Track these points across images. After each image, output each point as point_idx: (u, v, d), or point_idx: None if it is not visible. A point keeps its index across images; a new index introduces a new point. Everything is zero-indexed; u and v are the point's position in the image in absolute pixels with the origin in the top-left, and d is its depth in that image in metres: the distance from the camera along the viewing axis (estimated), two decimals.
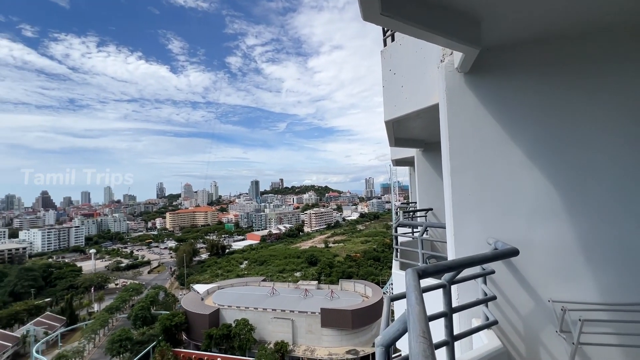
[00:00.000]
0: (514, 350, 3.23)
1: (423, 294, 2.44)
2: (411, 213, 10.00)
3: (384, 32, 6.45)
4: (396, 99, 5.39)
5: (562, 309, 3.01)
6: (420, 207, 9.75)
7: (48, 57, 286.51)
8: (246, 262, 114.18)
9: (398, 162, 14.08)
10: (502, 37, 3.39)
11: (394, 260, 6.93)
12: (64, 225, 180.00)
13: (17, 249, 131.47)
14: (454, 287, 2.98)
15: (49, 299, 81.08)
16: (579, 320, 2.70)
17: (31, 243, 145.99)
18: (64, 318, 68.33)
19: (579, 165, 3.28)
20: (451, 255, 3.72)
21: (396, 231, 7.18)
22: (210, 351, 49.17)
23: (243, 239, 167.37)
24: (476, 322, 3.39)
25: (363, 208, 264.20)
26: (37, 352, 53.95)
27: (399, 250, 6.97)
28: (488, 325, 2.92)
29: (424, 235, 5.65)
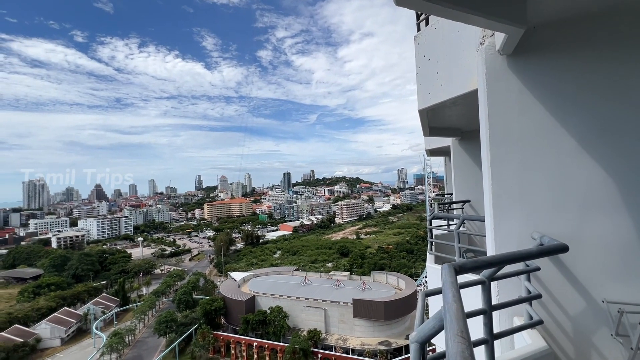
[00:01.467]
0: (561, 351, 3.02)
1: (460, 290, 2.36)
2: (447, 205, 9.61)
3: (418, 16, 6.14)
4: (431, 86, 5.12)
5: (618, 311, 2.76)
6: (456, 198, 9.33)
7: (97, 60, 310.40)
8: (279, 251, 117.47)
9: (432, 152, 13.54)
10: (551, 14, 3.08)
11: (428, 254, 6.73)
12: (115, 215, 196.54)
13: (77, 236, 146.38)
14: (493, 284, 2.84)
15: (104, 282, 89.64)
16: (639, 323, 2.45)
17: (88, 231, 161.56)
18: (118, 299, 75.31)
19: (638, 154, 2.94)
20: (491, 251, 3.53)
21: (431, 224, 6.90)
22: (247, 335, 51.66)
23: (276, 230, 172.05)
24: (519, 322, 3.21)
25: (395, 199, 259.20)
26: (96, 328, 60.19)
27: (433, 243, 6.72)
28: (532, 325, 2.75)
29: (461, 229, 5.42)
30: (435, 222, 7.60)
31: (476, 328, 2.43)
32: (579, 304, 3.02)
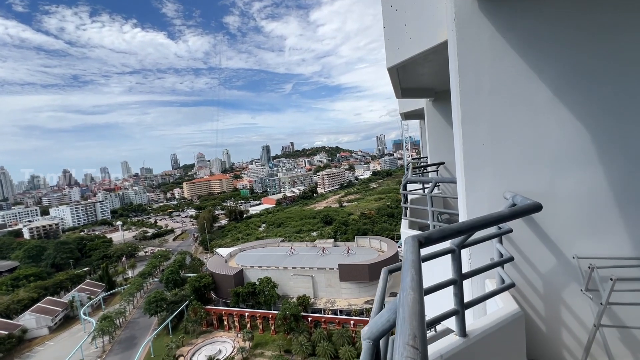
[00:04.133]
0: (534, 312, 2.99)
1: (429, 261, 2.16)
2: (422, 169, 9.49)
3: None
4: (399, 41, 4.63)
5: (589, 267, 2.69)
6: (431, 161, 9.16)
7: (44, 32, 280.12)
8: (264, 225, 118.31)
9: (407, 116, 13.22)
10: None
11: (402, 220, 6.50)
12: (90, 200, 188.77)
13: (50, 225, 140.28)
14: (464, 251, 2.67)
15: (87, 269, 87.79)
16: (611, 278, 2.37)
17: (62, 219, 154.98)
18: (103, 284, 74.36)
19: (616, 105, 2.74)
20: (463, 214, 3.36)
21: (405, 188, 6.66)
22: (238, 307, 53.04)
23: (259, 204, 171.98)
24: (490, 284, 3.13)
25: (375, 166, 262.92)
26: (84, 314, 59.77)
27: (408, 208, 6.52)
28: (504, 288, 2.64)
29: (435, 191, 5.27)
30: (411, 187, 7.45)
31: (448, 298, 2.27)
32: (550, 263, 2.95)
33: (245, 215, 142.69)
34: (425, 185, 7.37)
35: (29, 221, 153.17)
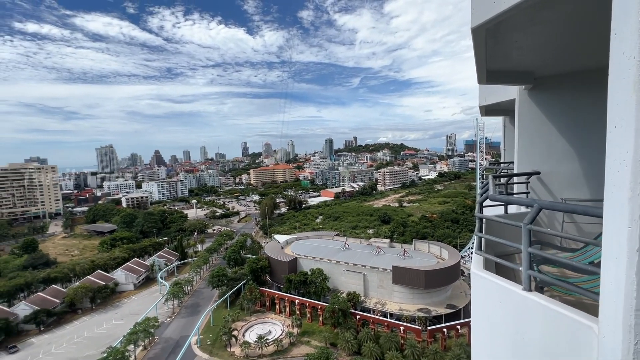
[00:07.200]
0: None
1: None
2: (506, 179, 7.15)
3: None
4: None
5: None
6: (519, 169, 6.78)
7: (147, 30, 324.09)
8: (321, 217, 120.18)
9: (489, 110, 11.11)
10: None
11: (474, 254, 4.44)
12: (173, 179, 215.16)
13: (141, 197, 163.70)
14: None
15: (166, 238, 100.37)
16: None
17: (150, 193, 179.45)
18: (177, 254, 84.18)
19: None
20: (618, 275, 1.96)
21: (481, 210, 4.58)
22: (290, 293, 54.88)
23: (318, 196, 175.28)
24: None
25: (442, 167, 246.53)
26: (161, 278, 68.49)
27: (483, 240, 4.46)
28: None
29: (532, 223, 3.17)
30: (487, 208, 5.32)
31: None
32: None
33: (304, 205, 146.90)
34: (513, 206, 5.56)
35: (127, 192, 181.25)
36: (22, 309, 53.16)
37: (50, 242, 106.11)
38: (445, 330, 42.34)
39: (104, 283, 62.86)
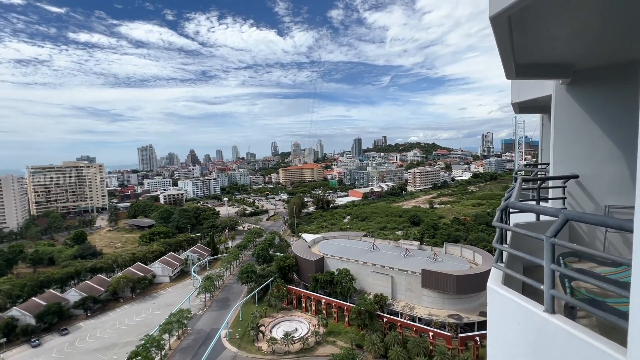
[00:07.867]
0: None
1: None
2: (537, 182, 6.53)
3: None
4: None
5: None
6: (555, 172, 6.19)
7: (185, 36, 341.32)
8: (349, 217, 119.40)
9: (522, 108, 9.94)
10: None
11: (493, 267, 4.06)
12: (206, 177, 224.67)
13: (177, 195, 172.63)
14: None
15: (199, 234, 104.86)
16: None
17: (186, 190, 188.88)
18: (209, 249, 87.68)
19: None
20: None
21: (502, 219, 4.08)
22: (316, 292, 55.04)
23: (346, 195, 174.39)
24: None
25: (477, 167, 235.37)
26: (194, 272, 71.69)
27: (503, 252, 4.05)
28: None
29: (557, 237, 2.79)
30: (513, 215, 4.85)
31: None
32: None
33: (331, 205, 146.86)
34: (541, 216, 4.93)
35: (164, 189, 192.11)
36: (73, 295, 58.10)
37: (97, 235, 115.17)
38: (477, 338, 40.27)
39: (142, 274, 66.97)
